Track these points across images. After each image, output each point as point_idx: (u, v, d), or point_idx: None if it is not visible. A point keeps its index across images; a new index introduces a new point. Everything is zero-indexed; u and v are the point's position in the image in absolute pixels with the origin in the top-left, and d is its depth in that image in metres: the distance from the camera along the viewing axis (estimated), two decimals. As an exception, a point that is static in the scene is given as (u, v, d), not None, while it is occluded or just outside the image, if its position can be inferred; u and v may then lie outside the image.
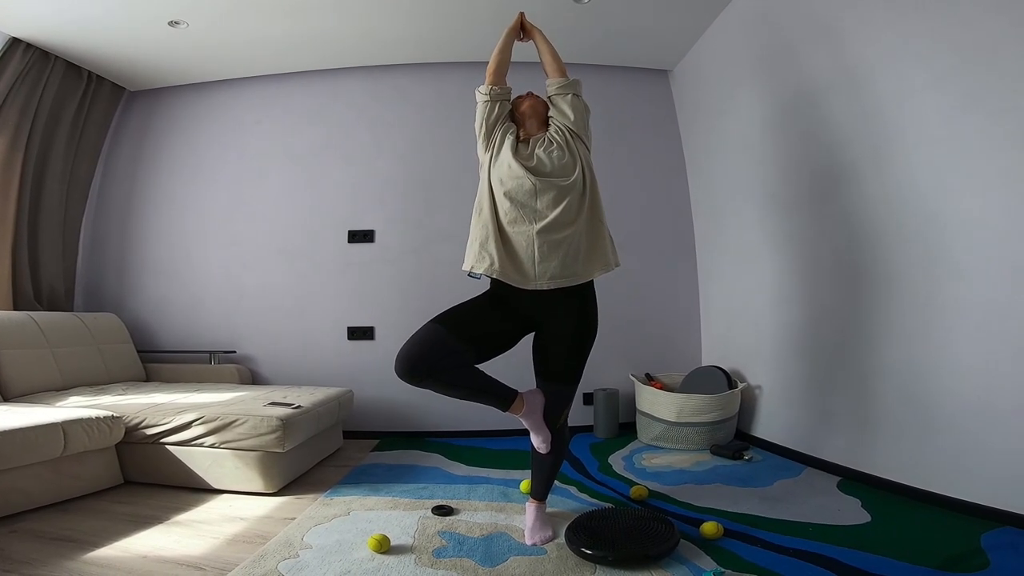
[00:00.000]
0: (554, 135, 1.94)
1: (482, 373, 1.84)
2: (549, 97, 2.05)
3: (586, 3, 3.13)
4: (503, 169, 1.87)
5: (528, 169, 1.83)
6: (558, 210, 1.80)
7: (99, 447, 2.31)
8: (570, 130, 1.95)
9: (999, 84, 1.83)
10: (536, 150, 1.90)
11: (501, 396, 1.83)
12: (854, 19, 2.37)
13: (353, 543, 1.86)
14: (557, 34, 2.12)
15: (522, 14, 2.19)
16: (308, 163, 3.86)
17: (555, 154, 1.87)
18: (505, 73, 2.06)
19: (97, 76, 3.75)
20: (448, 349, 1.76)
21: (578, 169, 1.86)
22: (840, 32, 2.45)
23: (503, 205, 1.84)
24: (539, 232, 1.79)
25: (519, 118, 2.02)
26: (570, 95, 2.00)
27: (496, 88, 2.00)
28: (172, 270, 3.84)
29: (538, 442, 1.93)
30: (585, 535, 1.81)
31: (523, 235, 1.80)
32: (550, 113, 2.03)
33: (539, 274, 1.79)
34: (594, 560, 1.70)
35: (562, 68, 2.07)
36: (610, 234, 1.93)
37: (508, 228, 1.82)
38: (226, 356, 3.68)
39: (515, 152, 1.89)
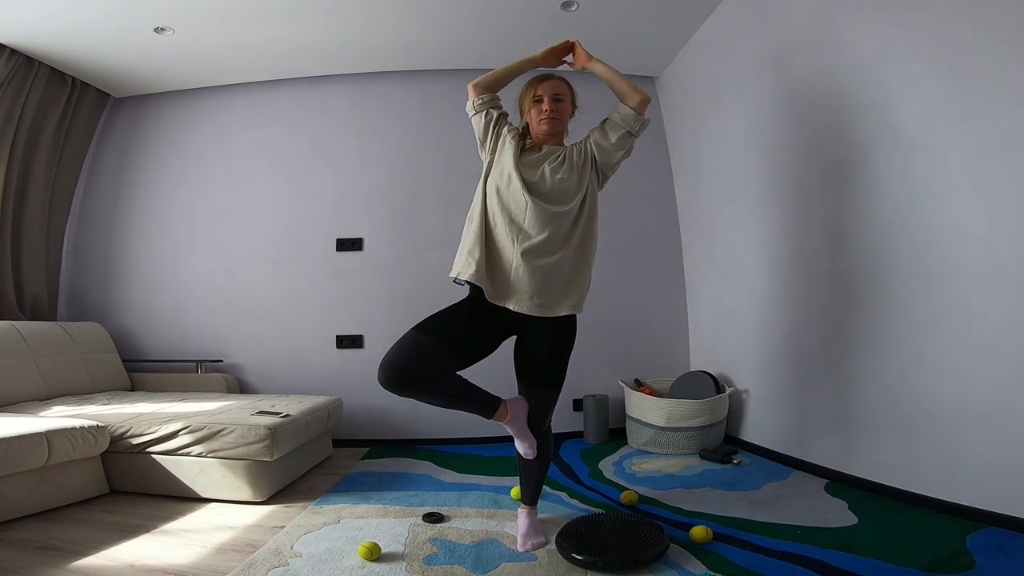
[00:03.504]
0: (575, 156, 1.86)
1: (466, 381, 1.82)
2: (606, 119, 1.90)
3: (573, 10, 3.16)
4: (502, 179, 1.81)
5: (526, 183, 1.78)
6: (543, 235, 1.75)
7: (84, 456, 2.28)
8: (595, 158, 1.88)
9: (974, 89, 1.88)
10: (544, 164, 1.82)
11: (485, 404, 1.82)
12: (837, 27, 2.42)
13: (343, 551, 1.84)
14: (545, 42, 2.08)
15: (575, 43, 2.00)
16: (295, 171, 3.85)
17: (560, 176, 1.80)
18: (496, 89, 1.95)
19: (81, 82, 3.73)
20: (431, 357, 1.73)
21: (578, 199, 1.80)
22: (824, 40, 2.49)
23: (494, 216, 1.80)
24: (522, 253, 1.75)
25: (531, 122, 1.91)
26: (625, 132, 1.86)
27: (478, 100, 1.91)
28: (158, 278, 3.81)
29: (524, 448, 1.92)
30: (575, 541, 1.81)
31: (507, 251, 1.78)
32: (592, 136, 1.90)
33: (511, 294, 1.77)
34: (584, 566, 1.70)
35: (642, 98, 1.86)
36: (589, 279, 1.89)
37: (496, 241, 1.80)
38: (213, 365, 3.65)
39: (518, 161, 1.82)
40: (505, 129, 1.93)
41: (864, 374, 2.37)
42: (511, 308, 1.77)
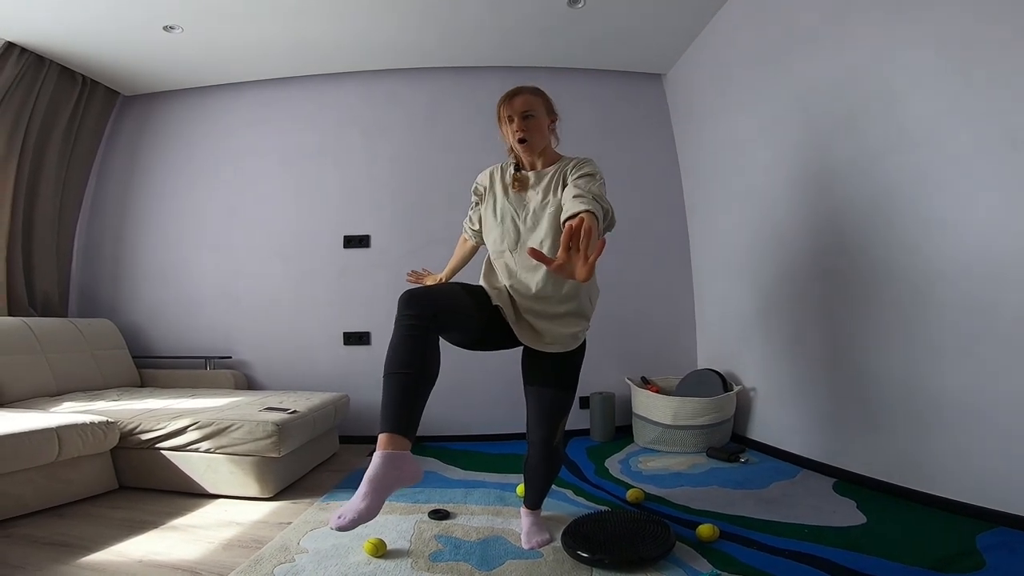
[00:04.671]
0: (558, 186, 1.77)
1: (430, 386, 1.50)
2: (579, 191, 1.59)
3: (580, 7, 3.15)
4: (493, 229, 1.84)
5: (516, 225, 1.79)
6: (538, 277, 1.75)
7: (93, 452, 2.30)
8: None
9: (983, 87, 1.86)
10: (532, 203, 1.78)
11: (395, 416, 1.41)
12: (842, 24, 2.40)
13: (349, 547, 1.85)
14: (552, 39, 2.03)
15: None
16: (303, 168, 3.88)
17: (550, 211, 1.74)
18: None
19: (91, 80, 3.77)
20: (460, 304, 1.61)
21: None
22: (828, 37, 2.48)
23: (493, 255, 1.86)
24: (511, 287, 1.78)
25: (510, 142, 1.84)
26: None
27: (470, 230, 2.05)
28: (167, 275, 3.84)
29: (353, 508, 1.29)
30: (581, 538, 1.82)
31: (506, 288, 1.80)
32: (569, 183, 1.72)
33: (516, 327, 1.77)
34: (590, 563, 1.70)
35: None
36: (590, 318, 1.88)
37: (497, 267, 1.86)
38: (221, 361, 3.68)
39: (505, 204, 1.82)
40: (489, 192, 1.90)
41: (871, 372, 2.35)
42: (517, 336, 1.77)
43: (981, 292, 1.91)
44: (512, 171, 1.86)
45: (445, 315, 1.52)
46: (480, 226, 1.97)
